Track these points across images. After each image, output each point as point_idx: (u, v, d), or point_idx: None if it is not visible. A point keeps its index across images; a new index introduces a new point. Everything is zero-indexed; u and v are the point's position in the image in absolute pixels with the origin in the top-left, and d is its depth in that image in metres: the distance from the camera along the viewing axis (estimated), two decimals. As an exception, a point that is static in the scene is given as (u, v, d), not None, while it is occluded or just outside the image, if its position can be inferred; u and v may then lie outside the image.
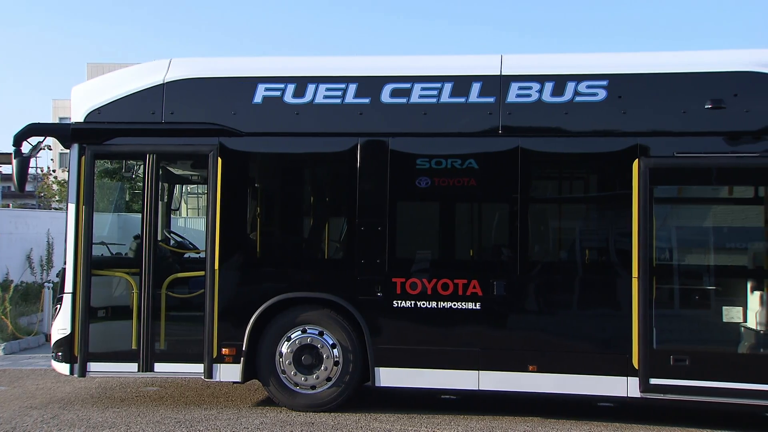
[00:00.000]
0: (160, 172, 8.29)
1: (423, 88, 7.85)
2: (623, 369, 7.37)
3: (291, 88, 7.93)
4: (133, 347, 7.91)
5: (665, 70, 7.62)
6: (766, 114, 7.31)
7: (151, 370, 7.88)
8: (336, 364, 7.75)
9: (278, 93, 7.93)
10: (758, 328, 7.48)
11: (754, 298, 7.59)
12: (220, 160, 7.87)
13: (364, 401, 8.10)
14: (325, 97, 7.91)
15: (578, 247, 7.95)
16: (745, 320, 7.59)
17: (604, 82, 7.61)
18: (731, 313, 7.61)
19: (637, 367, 7.32)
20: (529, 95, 7.71)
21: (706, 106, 7.38)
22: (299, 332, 7.81)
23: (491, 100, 7.75)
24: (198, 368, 7.80)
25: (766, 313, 7.41)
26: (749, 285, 7.67)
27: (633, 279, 7.39)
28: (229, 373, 7.78)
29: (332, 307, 7.81)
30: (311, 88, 7.92)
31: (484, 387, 7.58)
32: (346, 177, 7.96)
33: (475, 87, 7.79)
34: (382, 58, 8.24)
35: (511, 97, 7.72)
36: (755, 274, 7.71)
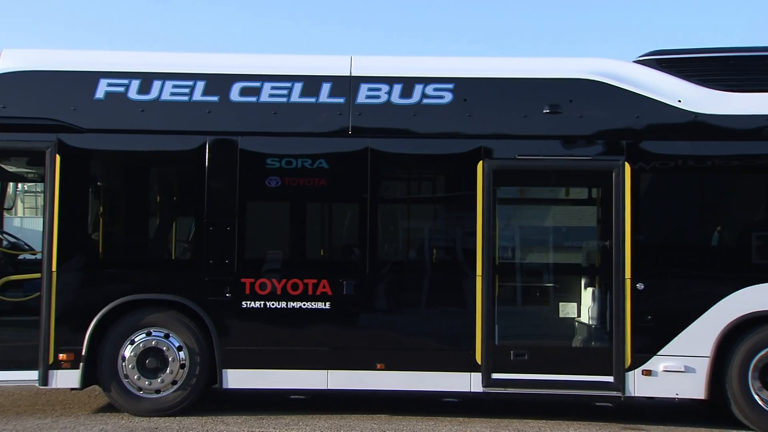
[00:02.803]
0: (-8, 169, 7.84)
1: (273, 88, 7.80)
2: (467, 365, 7.59)
3: (136, 84, 7.69)
4: (-42, 355, 7.42)
5: (508, 75, 7.93)
6: (598, 119, 7.73)
7: (-21, 379, 7.41)
8: (182, 366, 7.56)
9: (122, 89, 7.68)
10: (590, 323, 7.94)
11: (587, 294, 8.04)
12: (58, 157, 7.52)
13: (212, 404, 7.96)
14: (172, 94, 7.72)
15: (426, 246, 8.15)
16: (579, 315, 8.04)
17: (451, 86, 7.83)
18: (567, 309, 8.04)
19: (480, 363, 7.57)
20: (378, 96, 7.82)
21: (544, 111, 7.74)
22: (144, 335, 7.57)
23: (341, 100, 7.80)
24: (32, 375, 7.41)
25: (597, 308, 7.86)
26: (583, 282, 8.14)
27: (477, 277, 7.64)
28: (67, 379, 7.43)
29: (179, 308, 7.62)
30: (157, 84, 7.71)
31: (332, 386, 7.62)
32: (195, 176, 7.79)
33: (326, 87, 7.83)
34: (232, 56, 8.11)
35: (361, 98, 7.80)
36: (588, 271, 8.19)
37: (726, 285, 7.43)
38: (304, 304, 7.65)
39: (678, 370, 7.39)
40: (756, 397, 7.35)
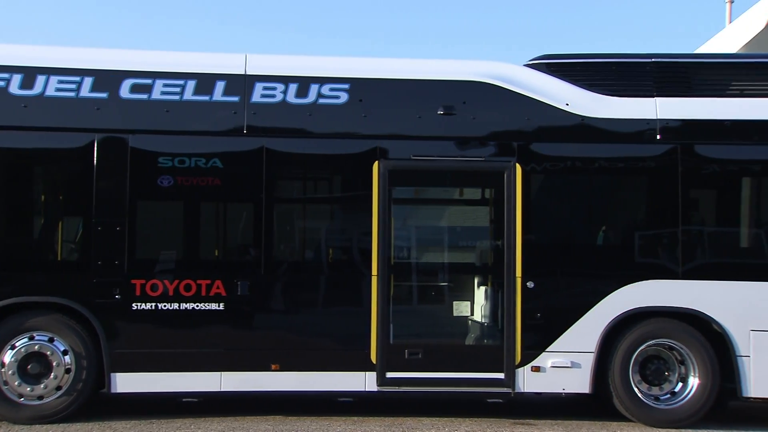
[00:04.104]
0: None
1: (165, 85, 7.66)
2: (362, 364, 7.63)
3: (17, 78, 7.42)
4: None
5: (403, 77, 7.99)
6: (490, 121, 7.89)
7: None
8: (68, 371, 7.31)
9: (2, 83, 7.40)
10: (483, 321, 8.09)
11: (480, 293, 8.19)
12: (-68, 154, 7.20)
13: (100, 408, 7.73)
14: (58, 90, 7.49)
15: (322, 246, 8.14)
16: (473, 314, 8.18)
17: (346, 86, 7.85)
18: (460, 308, 8.17)
19: (374, 362, 7.62)
20: (273, 96, 7.78)
21: (438, 112, 7.85)
22: (26, 339, 7.28)
23: (236, 99, 7.72)
24: None
25: (490, 306, 8.02)
26: (476, 281, 8.28)
27: (372, 277, 7.69)
28: (-60, 388, 7.09)
29: (66, 311, 7.37)
30: (41, 79, 7.45)
31: (226, 388, 7.54)
32: (82, 175, 7.58)
33: (220, 86, 7.73)
34: (122, 52, 7.91)
35: (256, 97, 7.74)
36: (481, 270, 8.33)
37: (610, 283, 7.70)
38: (198, 305, 7.53)
39: (565, 365, 7.62)
40: (636, 389, 7.65)
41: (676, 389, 7.73)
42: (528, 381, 7.65)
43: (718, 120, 7.87)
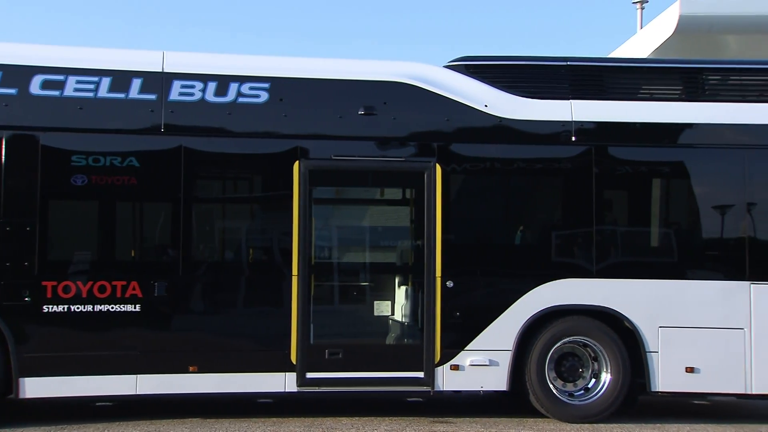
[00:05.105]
0: None
1: (78, 82, 7.48)
2: (282, 365, 7.58)
3: None
4: None
5: (324, 76, 7.98)
6: (410, 122, 7.95)
7: None
8: (-28, 377, 7.06)
9: None
10: (403, 320, 8.14)
11: (400, 293, 8.24)
12: None
13: (7, 415, 7.46)
14: None
15: (242, 246, 8.09)
16: (393, 313, 8.23)
17: (266, 85, 7.79)
18: (381, 307, 8.21)
19: (294, 363, 7.58)
20: (192, 94, 7.67)
21: (359, 113, 7.86)
22: (-73, 345, 7.00)
23: (153, 97, 7.58)
24: None
25: (410, 306, 8.08)
26: (397, 280, 8.32)
27: (293, 277, 7.65)
28: None
29: (-30, 315, 7.11)
30: (-56, 75, 7.17)
31: (142, 391, 7.39)
32: None
33: (136, 83, 7.58)
34: (31, 47, 7.69)
35: (174, 96, 7.62)
36: (402, 270, 8.39)
37: (527, 282, 7.83)
38: (113, 307, 7.36)
39: (483, 363, 7.72)
40: (551, 386, 7.81)
41: (590, 385, 7.93)
42: (447, 379, 7.73)
43: (629, 122, 8.10)
